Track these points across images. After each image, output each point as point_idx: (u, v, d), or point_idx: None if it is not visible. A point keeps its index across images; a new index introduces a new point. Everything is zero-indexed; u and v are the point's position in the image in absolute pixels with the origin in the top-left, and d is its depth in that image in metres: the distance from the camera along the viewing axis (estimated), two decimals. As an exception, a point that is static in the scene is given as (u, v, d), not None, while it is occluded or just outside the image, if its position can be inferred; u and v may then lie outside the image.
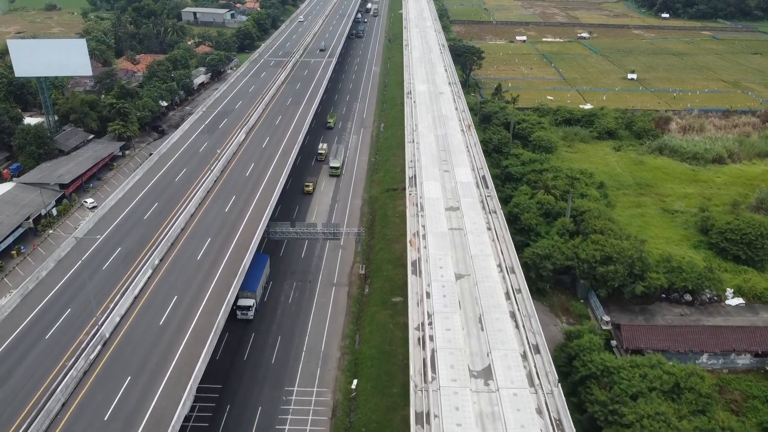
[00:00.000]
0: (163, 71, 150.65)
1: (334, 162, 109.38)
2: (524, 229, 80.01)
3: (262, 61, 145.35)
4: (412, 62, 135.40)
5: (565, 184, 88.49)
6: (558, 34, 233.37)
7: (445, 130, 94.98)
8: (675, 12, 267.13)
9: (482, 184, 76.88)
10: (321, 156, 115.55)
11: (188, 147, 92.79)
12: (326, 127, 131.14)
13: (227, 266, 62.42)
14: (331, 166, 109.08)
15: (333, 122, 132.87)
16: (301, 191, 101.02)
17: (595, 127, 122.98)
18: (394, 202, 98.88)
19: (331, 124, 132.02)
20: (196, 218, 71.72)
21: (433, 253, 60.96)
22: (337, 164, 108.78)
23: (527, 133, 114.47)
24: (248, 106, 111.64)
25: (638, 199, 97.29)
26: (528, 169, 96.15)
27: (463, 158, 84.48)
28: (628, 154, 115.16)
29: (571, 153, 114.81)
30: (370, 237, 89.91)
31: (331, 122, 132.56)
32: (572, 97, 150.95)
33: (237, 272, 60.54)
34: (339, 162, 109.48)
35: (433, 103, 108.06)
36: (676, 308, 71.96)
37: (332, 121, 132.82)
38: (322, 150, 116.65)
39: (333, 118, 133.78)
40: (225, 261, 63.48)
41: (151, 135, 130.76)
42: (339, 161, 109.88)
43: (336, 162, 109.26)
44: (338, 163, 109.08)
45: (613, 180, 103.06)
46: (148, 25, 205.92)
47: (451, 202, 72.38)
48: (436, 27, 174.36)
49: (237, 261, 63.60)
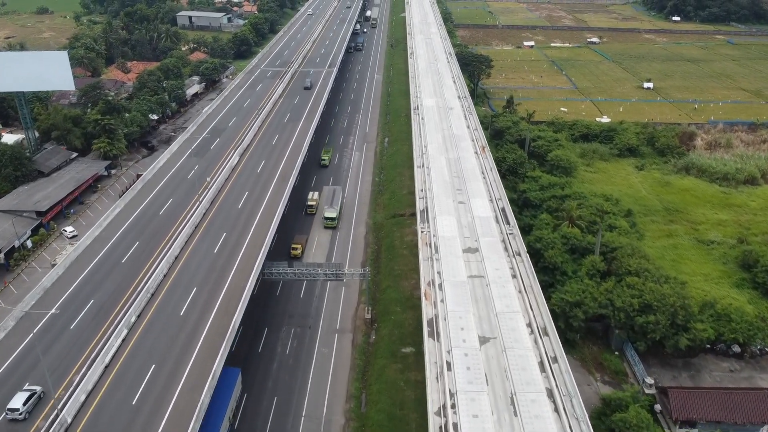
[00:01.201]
0: (154, 82, 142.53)
1: (329, 211, 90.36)
2: (548, 268, 71.78)
3: (259, 72, 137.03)
4: (418, 73, 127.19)
5: (591, 214, 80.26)
6: (567, 38, 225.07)
7: (457, 152, 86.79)
8: (686, 15, 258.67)
9: (502, 219, 68.69)
10: (311, 209, 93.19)
11: (176, 172, 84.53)
12: (320, 164, 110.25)
13: (215, 324, 54.23)
14: (326, 216, 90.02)
15: (328, 159, 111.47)
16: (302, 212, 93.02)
17: (615, 143, 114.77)
18: (401, 231, 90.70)
19: (325, 162, 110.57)
20: (181, 261, 63.48)
21: (451, 309, 52.76)
22: (333, 214, 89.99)
23: (544, 152, 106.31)
24: (243, 124, 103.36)
25: (668, 227, 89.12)
26: (548, 195, 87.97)
27: (479, 186, 76.26)
28: (652, 173, 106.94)
29: (591, 173, 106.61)
30: (376, 272, 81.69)
31: (326, 159, 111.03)
32: (587, 108, 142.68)
33: (226, 333, 52.27)
34: (335, 211, 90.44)
35: (442, 120, 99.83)
36: (723, 362, 63.82)
37: (327, 158, 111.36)
38: (312, 201, 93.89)
39: (328, 154, 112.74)
40: (212, 317, 55.28)
41: (139, 152, 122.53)
42: (335, 210, 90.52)
43: (332, 211, 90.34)
44: (334, 213, 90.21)
45: (639, 205, 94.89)
46: (141, 30, 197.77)
47: (468, 242, 64.19)
48: (442, 33, 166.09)
49: (226, 316, 55.43)
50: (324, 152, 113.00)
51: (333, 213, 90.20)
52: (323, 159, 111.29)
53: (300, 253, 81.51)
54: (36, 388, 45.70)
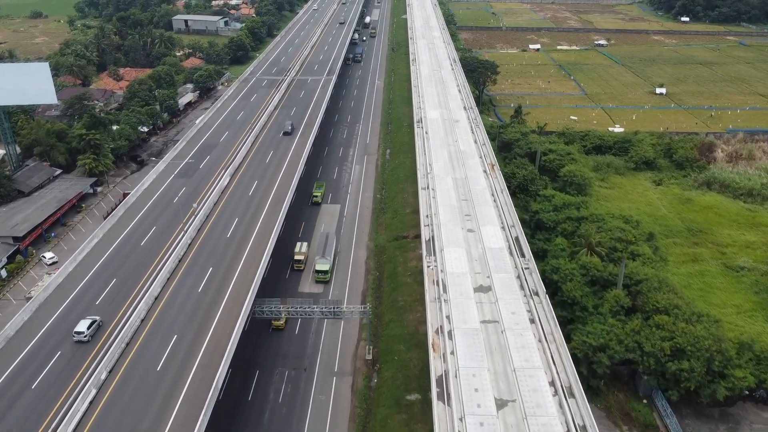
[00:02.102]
0: (145, 91, 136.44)
1: (321, 263, 75.89)
2: (567, 302, 65.45)
3: (254, 81, 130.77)
4: (421, 81, 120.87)
5: (611, 239, 73.89)
6: (573, 40, 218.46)
7: (464, 171, 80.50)
8: (695, 15, 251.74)
9: (516, 250, 62.37)
10: (299, 264, 77.94)
11: (161, 195, 78.34)
12: (311, 202, 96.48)
13: (197, 378, 48.08)
14: (318, 269, 75.67)
15: (321, 196, 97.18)
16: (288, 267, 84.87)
17: (630, 156, 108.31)
18: (404, 255, 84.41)
19: (317, 199, 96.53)
20: (161, 302, 57.30)
21: (463, 364, 46.48)
22: (325, 266, 75.37)
23: (556, 167, 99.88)
24: (235, 139, 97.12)
25: (692, 250, 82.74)
26: (562, 216, 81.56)
27: (490, 212, 69.93)
28: (671, 189, 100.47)
29: (606, 189, 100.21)
30: (378, 303, 75.47)
31: (318, 196, 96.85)
32: (598, 116, 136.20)
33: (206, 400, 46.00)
34: (328, 262, 75.93)
35: (448, 134, 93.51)
36: (765, 412, 57.46)
37: (320, 194, 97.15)
38: (300, 255, 78.37)
39: (320, 190, 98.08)
40: (194, 370, 49.13)
41: (128, 167, 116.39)
42: (328, 261, 76.07)
43: (324, 263, 75.63)
44: (327, 264, 75.58)
45: (660, 225, 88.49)
46: (134, 36, 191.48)
47: (480, 279, 57.90)
48: (445, 38, 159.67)
49: (210, 368, 49.27)
50: (316, 187, 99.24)
51: (325, 265, 76.00)
52: (315, 196, 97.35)
53: (283, 324, 68.00)
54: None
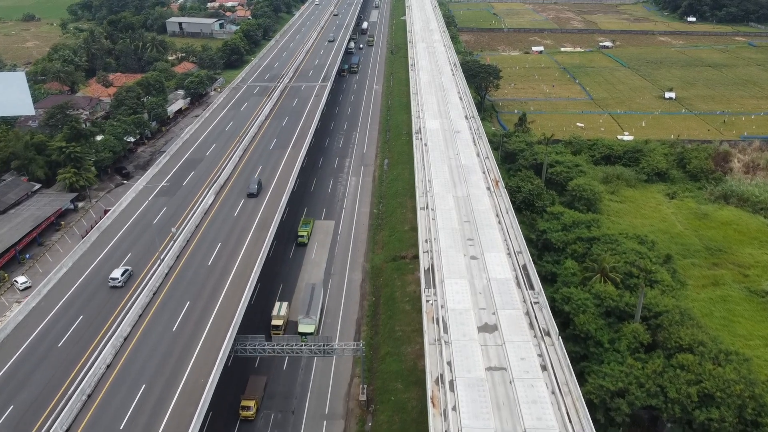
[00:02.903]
0: (133, 98, 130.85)
1: (305, 324, 64.50)
2: (579, 337, 59.71)
3: (245, 88, 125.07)
4: (421, 88, 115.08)
5: (626, 263, 68.13)
6: (577, 42, 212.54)
7: (466, 188, 74.73)
8: (702, 15, 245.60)
9: (524, 281, 56.59)
10: (277, 329, 64.63)
11: (140, 217, 72.70)
12: (297, 242, 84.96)
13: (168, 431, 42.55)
14: (301, 332, 63.68)
15: (307, 236, 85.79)
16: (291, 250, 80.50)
17: (641, 167, 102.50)
18: (402, 278, 78.70)
19: (303, 239, 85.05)
20: (131, 343, 51.66)
21: (467, 424, 40.70)
22: (309, 328, 64.31)
23: (563, 180, 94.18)
24: (222, 152, 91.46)
25: (712, 272, 76.95)
26: (572, 237, 75.82)
27: (494, 235, 64.14)
28: (686, 203, 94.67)
29: (617, 203, 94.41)
30: (374, 333, 69.79)
31: (304, 236, 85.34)
32: (606, 123, 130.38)
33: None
34: (313, 323, 64.89)
35: (449, 146, 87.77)
36: (803, 464, 51.62)
37: (305, 233, 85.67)
38: (278, 320, 65.34)
39: (307, 229, 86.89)
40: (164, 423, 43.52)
41: (113, 180, 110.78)
42: (313, 321, 65.00)
43: (308, 324, 64.57)
44: (312, 326, 64.60)
45: (676, 243, 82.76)
46: (125, 40, 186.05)
47: (485, 316, 52.14)
48: (446, 41, 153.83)
49: (184, 419, 43.67)
50: (302, 225, 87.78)
51: (310, 326, 64.61)
52: (301, 236, 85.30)
53: (253, 413, 56.85)
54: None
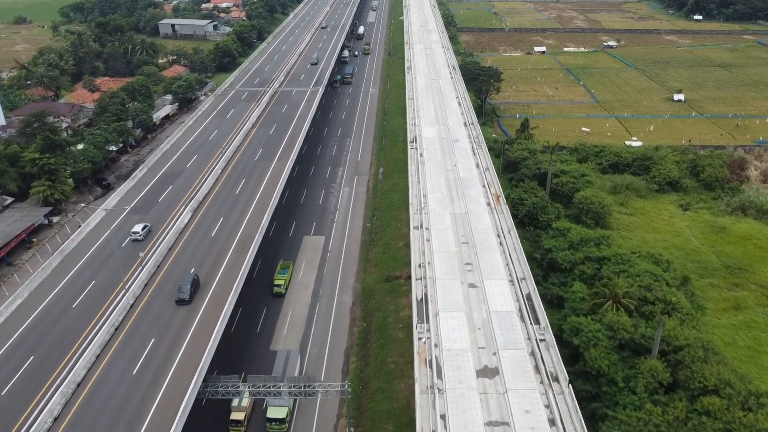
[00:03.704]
0: (117, 105, 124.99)
1: (274, 408, 53.93)
2: (590, 374, 53.61)
3: (233, 93, 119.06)
4: (417, 92, 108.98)
5: (639, 287, 62.01)
6: (581, 42, 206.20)
7: (464, 204, 68.63)
8: (708, 13, 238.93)
9: (528, 314, 50.50)
10: (238, 426, 53.37)
11: (109, 237, 66.60)
12: (272, 293, 72.36)
13: None
14: (270, 417, 53.66)
15: (285, 284, 73.06)
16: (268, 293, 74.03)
17: (652, 175, 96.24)
18: (396, 302, 72.62)
19: (280, 289, 72.40)
20: (85, 389, 45.70)
21: (463, 498, 34.77)
22: (280, 413, 53.58)
23: (569, 191, 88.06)
24: (204, 164, 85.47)
25: (733, 293, 70.74)
26: (580, 256, 69.68)
27: (495, 260, 57.99)
28: (701, 214, 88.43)
29: (626, 215, 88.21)
30: (363, 365, 63.75)
31: (281, 284, 72.69)
32: (612, 127, 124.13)
33: None
34: (285, 407, 54.05)
35: (446, 157, 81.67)
36: None
37: (283, 281, 72.93)
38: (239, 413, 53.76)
39: (285, 275, 73.87)
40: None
41: (92, 192, 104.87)
42: (285, 405, 54.14)
43: (278, 408, 53.83)
44: (283, 411, 53.70)
45: (693, 261, 76.59)
46: (114, 42, 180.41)
47: (484, 357, 46.04)
48: (444, 42, 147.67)
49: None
50: (279, 270, 74.50)
51: (281, 411, 53.64)
52: (277, 284, 72.60)
53: None
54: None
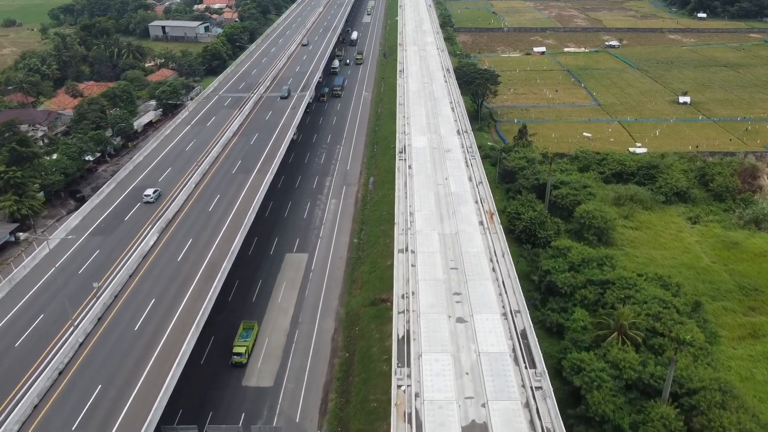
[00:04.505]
0: (96, 112, 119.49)
1: None
2: (593, 420, 47.80)
3: (216, 99, 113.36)
4: (409, 97, 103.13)
5: (647, 315, 56.21)
6: (581, 41, 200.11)
7: (455, 223, 62.81)
8: (713, 11, 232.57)
9: (523, 355, 44.68)
10: None
11: (67, 262, 61.02)
12: (230, 362, 59.72)
13: None
14: None
15: (246, 352, 60.08)
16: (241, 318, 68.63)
17: (658, 185, 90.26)
18: (381, 329, 66.74)
19: (241, 359, 59.46)
20: (16, 448, 40.16)
21: None
22: None
23: (569, 204, 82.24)
24: (178, 178, 79.79)
25: (749, 319, 64.79)
26: (582, 279, 63.81)
27: (487, 289, 52.06)
28: (712, 228, 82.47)
29: (631, 230, 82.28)
30: (344, 402, 57.98)
31: (243, 353, 59.70)
32: (615, 132, 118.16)
33: None
34: None
35: (437, 169, 75.84)
36: None
37: (245, 349, 59.95)
38: None
39: (247, 341, 61.04)
40: None
41: (65, 205, 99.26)
42: None
43: None
44: None
45: (704, 281, 70.66)
46: (100, 45, 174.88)
47: (471, 410, 40.24)
48: (439, 44, 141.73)
49: None
50: (241, 333, 62.29)
51: None
52: (237, 351, 59.80)
53: None
54: None
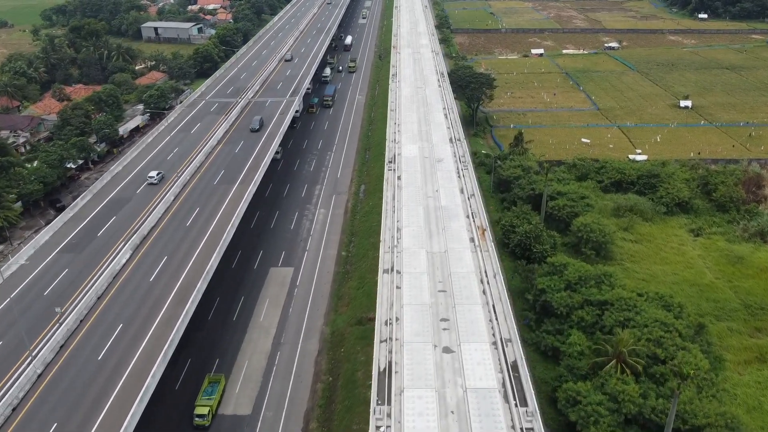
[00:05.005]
0: (80, 117, 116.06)
1: None
2: (590, 458, 44.38)
3: (203, 104, 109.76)
4: (401, 103, 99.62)
5: (648, 340, 52.74)
6: (580, 43, 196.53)
7: (444, 240, 59.28)
8: (714, 11, 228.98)
9: (514, 391, 41.07)
10: None
11: (31, 284, 57.38)
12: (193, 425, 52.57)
13: None
14: None
15: (210, 413, 53.02)
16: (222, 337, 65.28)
17: (659, 195, 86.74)
18: (367, 351, 62.82)
19: (204, 421, 52.39)
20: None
21: None
22: None
23: (566, 216, 78.76)
24: (157, 189, 76.24)
25: (755, 341, 61.28)
26: (578, 299, 60.29)
27: (476, 315, 48.40)
28: (715, 241, 78.96)
29: (631, 243, 78.75)
30: (326, 430, 54.48)
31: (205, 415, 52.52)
32: (614, 138, 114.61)
33: None
34: None
35: (427, 181, 72.29)
36: None
37: (208, 410, 52.90)
38: None
39: (210, 403, 53.60)
40: None
41: (45, 215, 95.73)
42: None
43: None
44: None
45: (707, 299, 67.16)
46: (89, 48, 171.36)
47: (456, 457, 36.76)
48: (434, 46, 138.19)
49: None
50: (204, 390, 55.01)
51: None
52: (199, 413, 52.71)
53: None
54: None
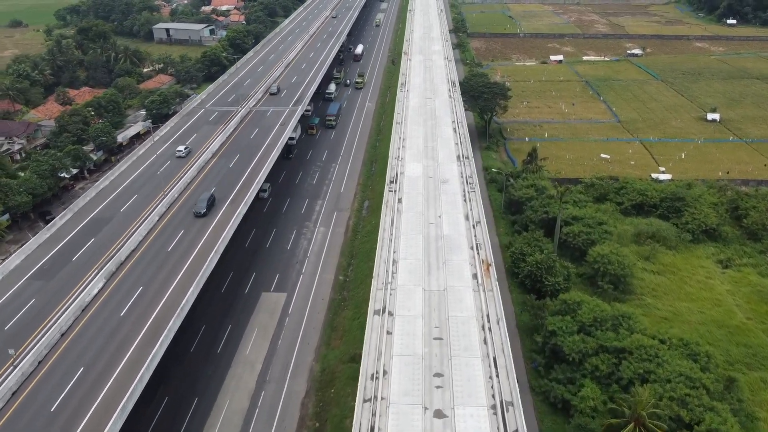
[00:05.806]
0: (78, 124, 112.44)
1: None
2: None
3: (202, 113, 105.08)
4: (407, 115, 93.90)
5: (670, 399, 46.56)
6: (602, 49, 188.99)
7: (444, 276, 53.57)
8: (743, 17, 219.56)
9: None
10: None
11: (-6, 314, 53.09)
12: None
13: None
14: None
15: None
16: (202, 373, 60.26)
17: (684, 221, 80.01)
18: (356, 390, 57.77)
19: None
20: None
21: None
22: None
23: (582, 244, 72.51)
24: (142, 207, 71.43)
25: (793, 395, 54.69)
26: (593, 345, 54.19)
27: (475, 370, 42.79)
28: (746, 275, 72.10)
29: (652, 275, 72.19)
30: (306, 490, 49.22)
31: None
32: (636, 153, 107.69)
33: None
34: None
35: (429, 205, 66.56)
36: None
37: None
38: None
39: None
40: None
41: (34, 228, 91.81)
42: None
43: None
44: None
45: (738, 344, 60.54)
46: (96, 50, 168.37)
47: None
48: (447, 53, 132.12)
49: None
50: None
51: None
52: None
53: None
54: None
